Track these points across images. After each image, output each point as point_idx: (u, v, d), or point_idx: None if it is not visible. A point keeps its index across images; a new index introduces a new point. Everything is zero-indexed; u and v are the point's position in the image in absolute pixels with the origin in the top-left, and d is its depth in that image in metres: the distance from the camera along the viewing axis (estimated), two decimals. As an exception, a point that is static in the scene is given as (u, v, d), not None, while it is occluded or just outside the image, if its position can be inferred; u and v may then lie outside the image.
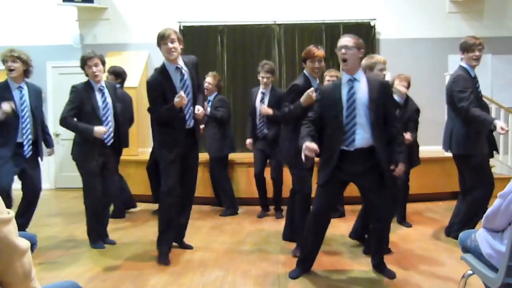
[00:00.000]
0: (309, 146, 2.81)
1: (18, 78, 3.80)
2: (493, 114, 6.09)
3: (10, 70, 3.75)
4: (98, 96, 3.78)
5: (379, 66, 3.61)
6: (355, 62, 2.93)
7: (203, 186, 5.25)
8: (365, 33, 6.86)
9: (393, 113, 3.04)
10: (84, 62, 3.74)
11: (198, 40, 6.91)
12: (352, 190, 3.23)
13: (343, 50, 2.90)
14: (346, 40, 2.93)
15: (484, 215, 2.07)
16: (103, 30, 7.17)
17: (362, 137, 2.86)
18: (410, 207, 5.34)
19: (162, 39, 3.38)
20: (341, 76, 3.07)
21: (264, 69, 4.77)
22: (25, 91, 3.85)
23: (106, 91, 3.83)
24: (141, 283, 3.04)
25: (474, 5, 6.90)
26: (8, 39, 6.74)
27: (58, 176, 7.27)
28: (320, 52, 3.49)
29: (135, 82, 6.39)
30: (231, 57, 7.05)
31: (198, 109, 3.50)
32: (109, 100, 3.83)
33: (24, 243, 1.23)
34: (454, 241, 3.64)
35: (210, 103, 5.11)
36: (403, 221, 4.54)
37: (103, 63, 3.83)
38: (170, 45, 3.36)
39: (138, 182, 5.61)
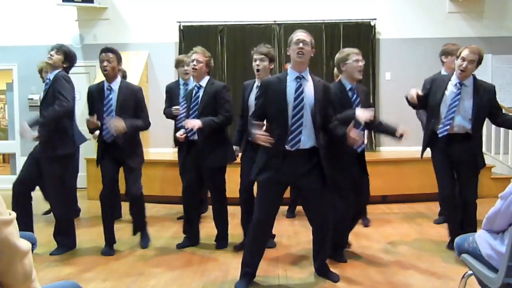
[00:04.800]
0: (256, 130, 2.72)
1: None
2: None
3: None
4: None
5: (354, 57, 3.36)
6: (308, 59, 2.86)
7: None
8: (365, 33, 6.87)
9: (331, 115, 2.97)
10: None
11: (198, 40, 6.90)
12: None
13: (301, 44, 2.79)
14: (304, 35, 2.84)
15: (485, 217, 2.06)
16: (103, 30, 7.16)
17: (306, 138, 2.78)
18: (411, 207, 5.37)
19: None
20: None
21: (257, 51, 3.60)
22: None
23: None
24: (141, 283, 3.05)
25: (474, 5, 6.90)
26: (8, 39, 6.75)
27: (58, 176, 7.25)
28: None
29: (135, 82, 6.36)
30: (231, 57, 7.05)
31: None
32: None
33: (25, 245, 1.23)
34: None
35: None
36: None
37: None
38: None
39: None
